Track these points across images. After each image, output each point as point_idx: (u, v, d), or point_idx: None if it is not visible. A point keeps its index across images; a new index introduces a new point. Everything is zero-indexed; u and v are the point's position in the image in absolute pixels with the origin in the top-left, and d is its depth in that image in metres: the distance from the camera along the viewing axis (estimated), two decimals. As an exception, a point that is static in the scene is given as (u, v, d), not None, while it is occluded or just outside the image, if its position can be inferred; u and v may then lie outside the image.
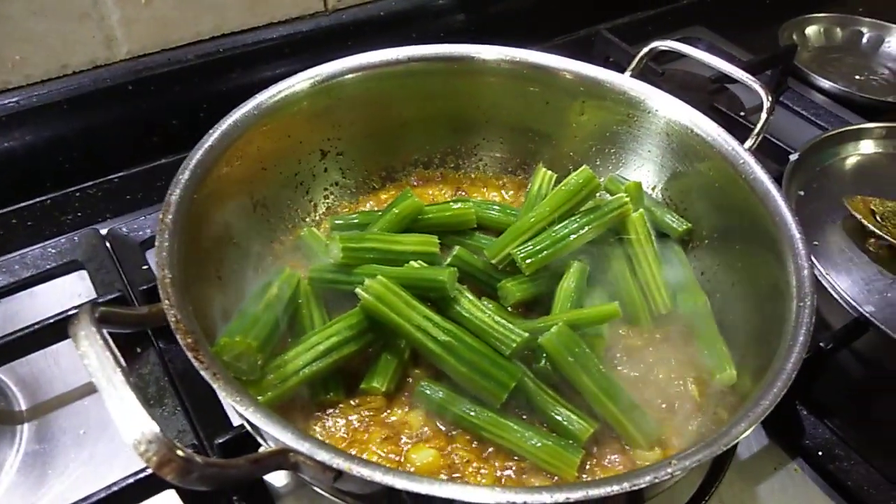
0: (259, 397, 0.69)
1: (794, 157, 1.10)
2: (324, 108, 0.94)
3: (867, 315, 0.90)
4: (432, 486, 0.54)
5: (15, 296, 0.99)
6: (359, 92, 0.95)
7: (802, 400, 0.89)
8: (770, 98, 0.91)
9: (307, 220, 0.97)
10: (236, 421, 0.82)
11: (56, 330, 0.87)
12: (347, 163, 1.00)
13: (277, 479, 0.80)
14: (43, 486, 0.80)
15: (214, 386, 0.59)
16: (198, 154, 0.79)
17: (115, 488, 0.73)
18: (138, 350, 0.90)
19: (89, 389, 0.89)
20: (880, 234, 0.99)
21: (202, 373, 0.60)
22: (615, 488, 0.54)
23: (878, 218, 1.02)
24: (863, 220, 1.02)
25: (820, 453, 0.85)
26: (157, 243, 0.69)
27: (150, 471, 0.73)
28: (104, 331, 0.58)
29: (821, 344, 0.87)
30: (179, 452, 0.51)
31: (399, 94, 0.97)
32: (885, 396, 0.94)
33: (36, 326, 0.86)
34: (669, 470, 0.55)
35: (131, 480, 0.74)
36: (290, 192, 0.95)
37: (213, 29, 1.21)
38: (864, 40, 1.64)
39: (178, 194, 0.74)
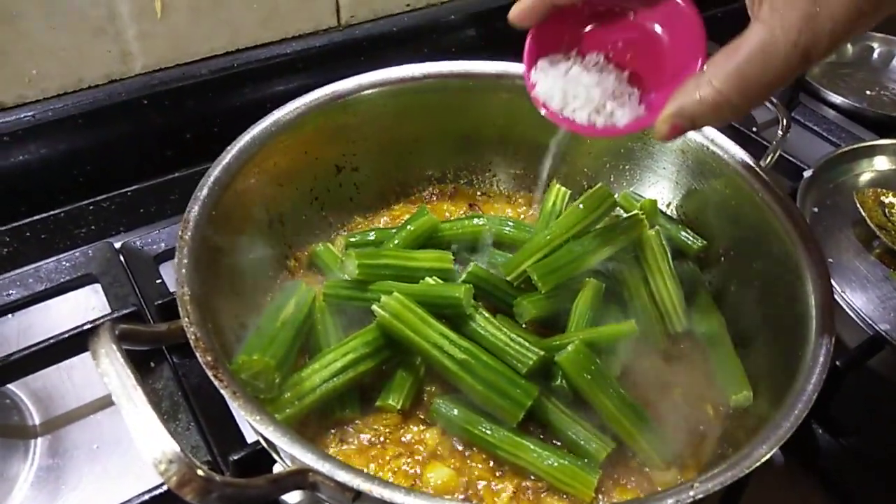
0: (276, 415, 0.69)
1: (807, 173, 1.10)
2: (340, 125, 0.94)
3: (883, 333, 0.90)
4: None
5: (29, 309, 0.99)
6: (374, 108, 0.95)
7: (818, 418, 0.89)
8: (786, 116, 0.91)
9: (322, 235, 0.97)
10: (250, 437, 0.82)
11: (71, 345, 0.87)
12: (362, 178, 1.00)
13: (291, 497, 0.80)
14: (56, 501, 0.80)
15: (234, 404, 0.59)
16: (216, 171, 0.79)
17: (129, 505, 0.73)
18: (152, 364, 0.90)
19: (102, 404, 0.89)
20: (879, 234, 0.99)
21: (222, 391, 0.60)
22: (637, 511, 0.53)
23: (885, 212, 1.03)
24: (866, 218, 1.02)
25: (836, 472, 0.85)
26: (176, 260, 0.69)
27: (164, 488, 0.74)
28: (124, 347, 0.58)
29: (836, 362, 0.87)
30: (200, 472, 0.51)
31: (414, 109, 0.98)
32: (901, 415, 0.94)
33: (51, 341, 0.86)
34: (692, 493, 0.55)
35: (146, 497, 0.74)
36: (305, 207, 0.96)
37: (228, 44, 1.22)
38: (875, 55, 1.64)
39: (197, 211, 0.74)
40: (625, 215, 0.88)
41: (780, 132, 0.91)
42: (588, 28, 0.73)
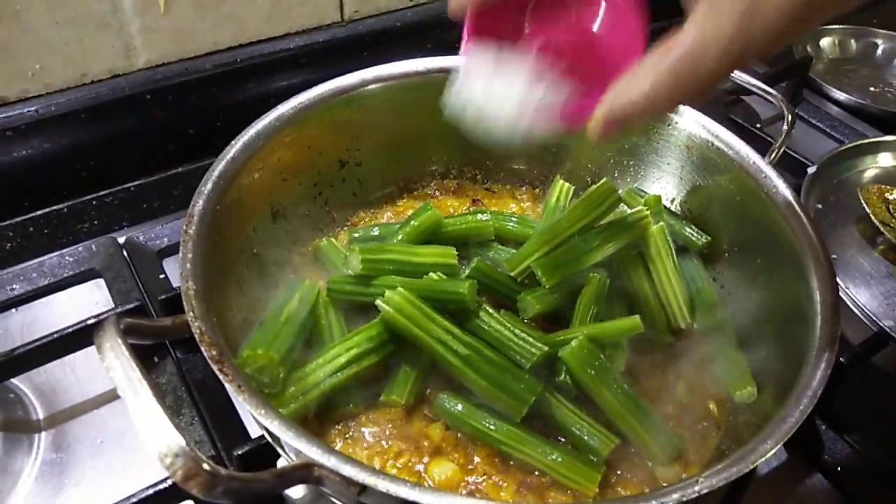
0: (281, 410, 0.69)
1: (811, 169, 1.10)
2: (344, 119, 0.94)
3: (887, 329, 0.90)
4: (456, 502, 0.54)
5: (32, 304, 0.99)
6: (378, 103, 0.95)
7: (822, 415, 0.89)
8: (791, 112, 0.91)
9: (325, 230, 0.97)
10: (254, 432, 0.82)
11: (75, 339, 0.87)
12: (365, 173, 1.00)
13: (295, 490, 0.80)
14: (60, 496, 0.80)
15: (239, 398, 0.59)
16: (220, 165, 0.79)
17: (133, 500, 0.73)
18: (155, 359, 0.90)
19: (106, 399, 0.89)
20: (883, 230, 1.00)
21: (227, 385, 0.60)
22: (643, 506, 0.53)
23: (889, 209, 1.03)
24: (870, 213, 1.02)
25: (839, 468, 0.85)
26: (180, 255, 0.69)
27: (168, 482, 0.74)
28: (129, 342, 0.58)
29: (840, 359, 0.87)
30: (206, 466, 0.51)
31: (418, 105, 0.97)
32: (905, 412, 0.94)
33: (55, 335, 0.86)
34: (697, 488, 0.55)
35: (150, 492, 0.73)
36: (308, 202, 0.96)
37: (231, 39, 1.21)
38: (879, 52, 1.63)
39: (201, 205, 0.74)
40: (629, 211, 0.88)
41: (784, 128, 0.91)
42: (527, 21, 0.71)
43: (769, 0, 0.51)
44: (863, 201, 1.04)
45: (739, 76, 0.98)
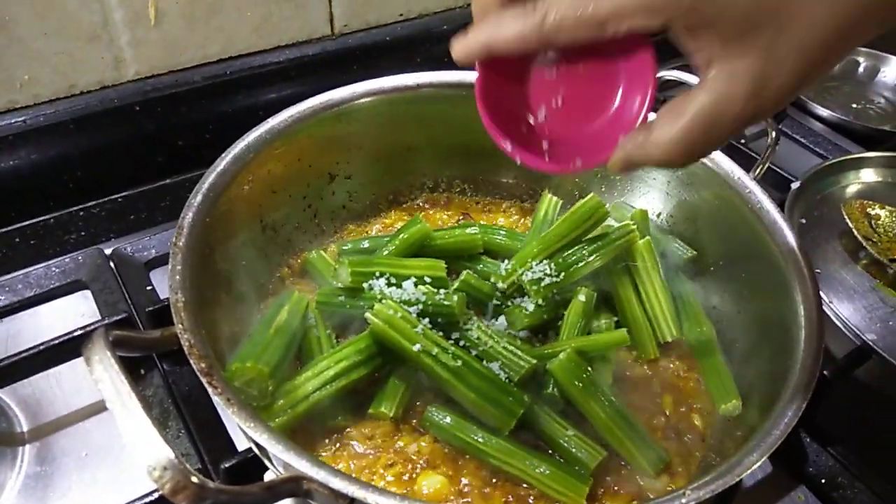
0: (270, 423, 0.68)
1: (795, 185, 1.12)
2: (334, 133, 0.94)
3: (870, 343, 0.91)
4: (447, 515, 0.54)
5: (17, 315, 0.98)
6: (369, 117, 0.96)
7: (806, 427, 0.89)
8: (775, 129, 0.93)
9: (315, 243, 0.98)
10: (241, 445, 0.82)
11: (61, 351, 0.86)
12: (355, 186, 1.01)
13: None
14: (45, 509, 0.79)
15: (228, 411, 0.59)
16: (210, 177, 0.79)
17: (119, 513, 0.73)
18: (142, 372, 0.89)
19: (92, 411, 0.88)
20: (865, 245, 1.01)
21: (216, 398, 0.60)
22: (630, 519, 0.54)
23: (871, 224, 1.04)
24: (853, 228, 1.03)
25: (823, 481, 0.85)
26: (169, 266, 0.69)
27: (155, 496, 0.73)
28: (118, 354, 0.58)
29: (824, 372, 0.88)
30: (194, 479, 0.51)
31: (408, 119, 0.98)
32: (888, 424, 0.94)
33: (41, 347, 0.86)
34: (684, 500, 0.56)
35: (136, 505, 0.73)
36: (298, 214, 0.96)
37: (221, 51, 1.22)
38: (861, 69, 1.66)
39: (191, 218, 0.74)
40: (616, 225, 0.89)
41: (769, 144, 0.92)
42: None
43: (781, 64, 0.51)
44: (846, 216, 1.06)
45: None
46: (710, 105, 0.53)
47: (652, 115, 0.59)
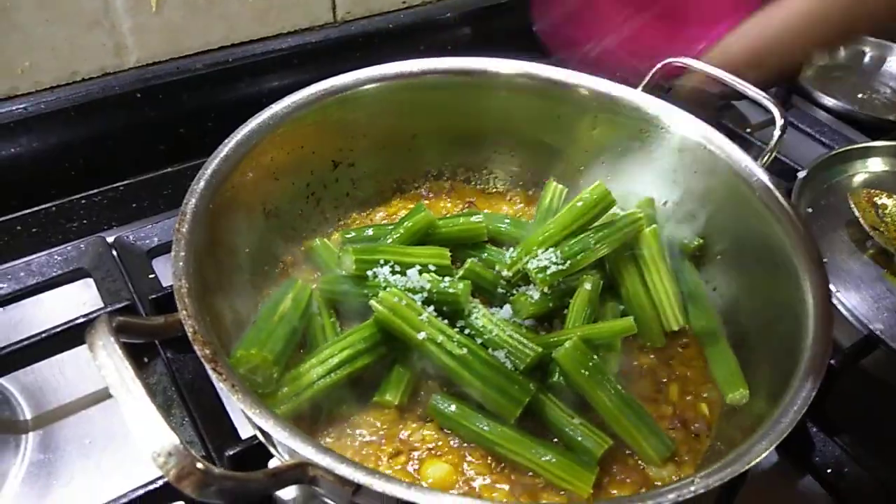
0: (274, 410, 0.68)
1: (802, 174, 1.11)
2: (337, 120, 0.93)
3: (877, 333, 0.91)
4: (454, 503, 0.53)
5: (20, 303, 0.98)
6: (372, 104, 0.95)
7: (812, 417, 0.89)
8: (783, 115, 0.92)
9: (318, 230, 0.97)
10: (245, 433, 0.81)
11: (65, 338, 0.86)
12: (358, 174, 1.00)
13: (286, 491, 0.79)
14: (48, 497, 0.79)
15: (233, 398, 0.59)
16: (213, 163, 0.79)
17: (123, 500, 0.72)
18: (146, 360, 0.89)
19: (95, 399, 0.88)
20: (871, 234, 1.00)
21: (221, 385, 0.59)
22: (639, 506, 0.53)
23: (878, 213, 1.03)
24: (859, 217, 1.02)
25: (829, 470, 0.85)
26: (173, 253, 0.68)
27: (160, 482, 0.73)
28: (121, 341, 0.57)
29: (831, 361, 0.87)
30: (199, 465, 0.51)
31: (412, 106, 0.97)
32: (894, 414, 0.94)
33: (44, 335, 0.85)
34: (693, 488, 0.55)
35: (140, 492, 0.73)
36: (301, 202, 0.95)
37: (223, 38, 1.21)
38: (867, 59, 1.65)
39: (194, 204, 0.73)
40: (622, 213, 0.88)
41: (777, 132, 0.91)
42: None
43: None
44: (852, 205, 1.05)
45: (733, 80, 0.98)
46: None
47: None
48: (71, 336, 0.86)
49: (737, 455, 0.60)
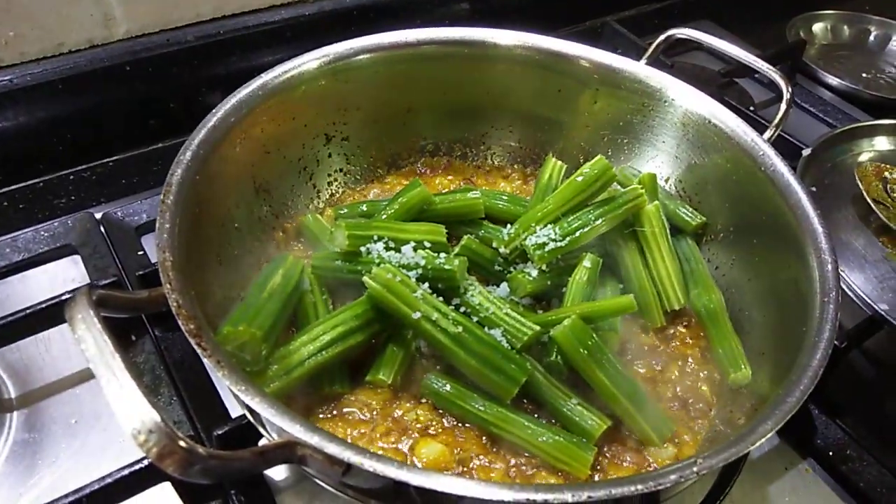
0: (264, 389, 0.66)
1: (806, 152, 1.09)
2: (331, 91, 0.91)
3: (882, 313, 0.89)
4: (449, 483, 0.51)
5: (6, 280, 0.96)
6: (367, 75, 0.92)
7: (814, 399, 0.87)
8: (790, 89, 0.89)
9: (310, 206, 0.95)
10: (234, 412, 0.80)
11: (49, 315, 0.84)
12: (352, 149, 0.98)
13: (277, 472, 0.77)
14: (33, 477, 0.77)
15: (219, 374, 0.56)
16: (200, 134, 0.76)
17: (108, 480, 0.71)
18: (133, 337, 0.87)
19: (82, 377, 0.86)
20: (875, 208, 0.98)
21: (206, 361, 0.57)
22: (639, 487, 0.52)
23: (886, 188, 1.01)
24: (863, 191, 1.00)
25: (831, 453, 0.83)
26: (157, 225, 0.66)
27: (146, 462, 0.71)
28: (102, 314, 0.55)
29: (835, 342, 0.85)
30: (182, 444, 0.49)
31: (408, 78, 0.95)
32: (898, 396, 0.93)
33: (28, 311, 0.83)
34: (695, 469, 0.53)
35: (126, 472, 0.71)
36: (293, 177, 0.93)
37: (214, 10, 1.18)
38: (871, 38, 1.63)
39: (180, 175, 0.71)
40: (623, 190, 0.86)
41: (784, 105, 0.89)
42: None
43: None
44: (857, 178, 1.03)
45: (740, 53, 0.95)
46: None
47: None
48: (55, 313, 0.84)
49: (739, 436, 0.58)
